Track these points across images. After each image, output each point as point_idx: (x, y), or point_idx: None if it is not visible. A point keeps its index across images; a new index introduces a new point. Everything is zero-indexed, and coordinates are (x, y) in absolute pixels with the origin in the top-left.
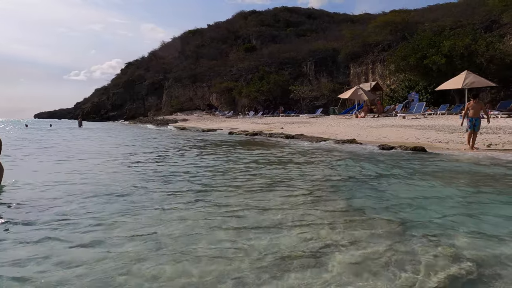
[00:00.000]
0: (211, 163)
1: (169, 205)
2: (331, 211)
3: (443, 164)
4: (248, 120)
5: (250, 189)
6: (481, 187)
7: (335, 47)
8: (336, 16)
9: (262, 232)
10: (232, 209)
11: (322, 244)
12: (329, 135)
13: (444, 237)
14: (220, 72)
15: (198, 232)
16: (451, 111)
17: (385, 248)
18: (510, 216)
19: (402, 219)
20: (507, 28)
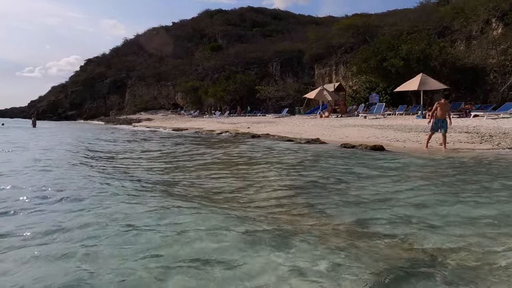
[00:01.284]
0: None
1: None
2: (293, 206)
3: (399, 161)
4: (214, 120)
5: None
6: (432, 182)
7: (300, 48)
8: (301, 17)
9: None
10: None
11: (286, 238)
12: (295, 134)
13: (400, 230)
14: (186, 71)
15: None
16: (408, 111)
17: (345, 242)
18: (458, 207)
19: (361, 214)
20: (458, 34)
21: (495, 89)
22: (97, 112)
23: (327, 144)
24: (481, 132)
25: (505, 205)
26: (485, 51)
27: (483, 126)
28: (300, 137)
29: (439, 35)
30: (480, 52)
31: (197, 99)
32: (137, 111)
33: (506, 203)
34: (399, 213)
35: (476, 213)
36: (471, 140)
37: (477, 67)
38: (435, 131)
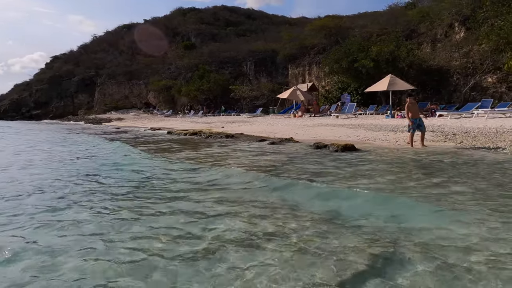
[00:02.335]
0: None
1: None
2: (263, 205)
3: (369, 159)
4: (188, 119)
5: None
6: (400, 179)
7: (274, 48)
8: (274, 18)
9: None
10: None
11: (258, 236)
12: (268, 133)
13: (366, 224)
14: (158, 69)
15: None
16: (378, 111)
17: (315, 237)
18: (419, 202)
19: (330, 210)
20: (424, 37)
21: (458, 90)
22: (65, 112)
23: (300, 143)
24: (445, 131)
25: (470, 202)
26: (449, 54)
27: (447, 125)
28: (274, 136)
29: (407, 38)
30: (444, 55)
31: (170, 98)
32: (107, 111)
33: (470, 200)
34: (371, 208)
35: (437, 208)
36: (436, 138)
37: (442, 69)
38: (414, 131)
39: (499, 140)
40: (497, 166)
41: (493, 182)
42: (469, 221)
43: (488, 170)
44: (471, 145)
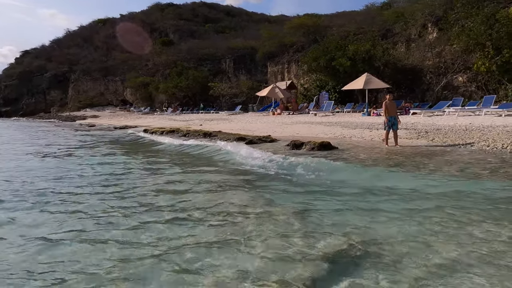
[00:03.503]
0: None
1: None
2: (240, 204)
3: (344, 157)
4: (166, 117)
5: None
6: (376, 177)
7: (253, 46)
8: (254, 15)
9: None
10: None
11: (235, 233)
12: (247, 131)
13: (338, 220)
14: (135, 66)
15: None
16: (355, 109)
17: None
18: (394, 199)
19: (304, 208)
20: (399, 37)
21: (431, 88)
22: (36, 109)
23: (278, 141)
24: (418, 128)
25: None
26: (422, 54)
27: (420, 123)
28: (253, 134)
29: (382, 37)
30: (418, 54)
31: (147, 96)
32: (81, 108)
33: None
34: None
35: (409, 205)
36: (410, 136)
37: (416, 68)
38: (390, 129)
39: (468, 137)
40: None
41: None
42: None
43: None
44: (442, 142)
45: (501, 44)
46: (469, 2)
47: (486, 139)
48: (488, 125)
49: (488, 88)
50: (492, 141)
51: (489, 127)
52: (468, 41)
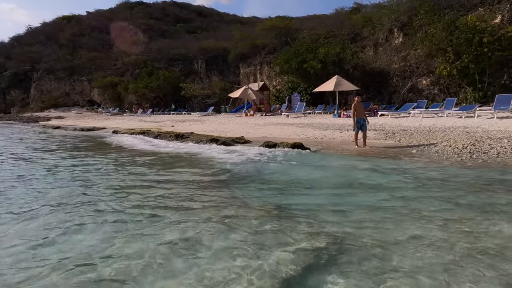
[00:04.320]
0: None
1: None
2: (212, 203)
3: (316, 157)
4: (136, 118)
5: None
6: (344, 176)
7: (226, 47)
8: (225, 16)
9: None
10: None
11: (204, 231)
12: (220, 133)
13: (311, 217)
14: (103, 65)
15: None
16: (326, 110)
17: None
18: (366, 196)
19: (278, 206)
20: (367, 41)
21: (397, 91)
22: None
23: (251, 143)
24: (386, 129)
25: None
26: (389, 57)
27: (388, 124)
28: (226, 135)
29: (352, 41)
30: (385, 58)
31: (116, 96)
32: (45, 108)
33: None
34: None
35: (374, 202)
36: (378, 137)
37: (383, 71)
38: (358, 130)
39: (432, 137)
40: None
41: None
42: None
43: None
44: (408, 142)
45: (460, 50)
46: (432, 9)
47: (448, 140)
48: (449, 126)
49: (449, 91)
50: (454, 141)
51: (451, 128)
52: (431, 46)
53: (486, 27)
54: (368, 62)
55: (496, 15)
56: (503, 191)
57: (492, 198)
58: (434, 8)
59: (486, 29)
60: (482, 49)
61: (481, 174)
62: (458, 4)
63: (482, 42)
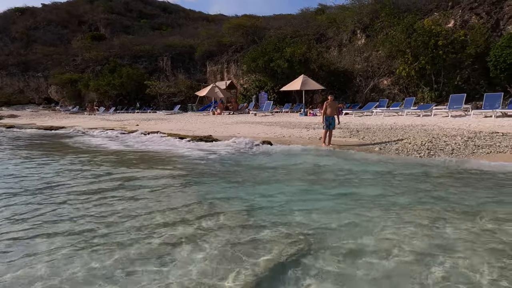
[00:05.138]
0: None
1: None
2: (182, 206)
3: (284, 156)
4: (97, 117)
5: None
6: (311, 174)
7: (192, 44)
8: (191, 13)
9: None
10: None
11: (176, 238)
12: (187, 131)
13: (283, 219)
14: (61, 61)
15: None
16: (293, 109)
17: (233, 234)
18: (334, 194)
19: (248, 207)
20: (331, 41)
21: (360, 90)
22: None
23: (220, 141)
24: (350, 128)
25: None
26: (352, 58)
27: (352, 122)
28: (193, 134)
29: (317, 41)
30: (349, 58)
31: (76, 94)
32: None
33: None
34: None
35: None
36: (343, 135)
37: (347, 71)
38: (327, 128)
39: (393, 135)
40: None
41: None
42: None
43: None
44: (371, 140)
45: (418, 52)
46: (391, 12)
47: (408, 137)
48: (409, 125)
49: (408, 91)
50: (413, 139)
51: (410, 126)
52: (391, 48)
53: (441, 30)
54: (332, 62)
55: (449, 20)
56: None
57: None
58: (394, 12)
59: (441, 33)
60: (437, 52)
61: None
62: (415, 8)
63: (437, 45)
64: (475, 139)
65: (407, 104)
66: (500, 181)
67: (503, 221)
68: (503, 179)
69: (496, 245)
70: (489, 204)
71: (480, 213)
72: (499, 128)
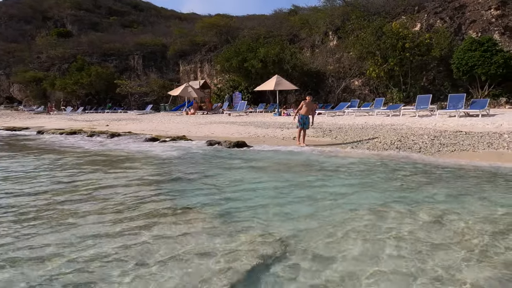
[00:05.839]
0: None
1: None
2: (155, 210)
3: (260, 156)
4: (65, 117)
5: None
6: (286, 173)
7: (164, 43)
8: (163, 11)
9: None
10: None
11: (147, 241)
12: (160, 132)
13: (257, 221)
14: (24, 58)
15: None
16: (267, 109)
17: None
18: (309, 195)
19: (221, 210)
20: (304, 42)
21: (332, 91)
22: None
23: (193, 141)
24: (323, 127)
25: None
26: (325, 59)
27: (325, 122)
28: (166, 134)
29: (290, 42)
30: (321, 59)
31: (40, 93)
32: None
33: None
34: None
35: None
36: (316, 134)
37: (320, 71)
38: (301, 126)
39: (364, 134)
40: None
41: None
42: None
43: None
44: (343, 139)
45: (387, 54)
46: (362, 15)
47: (378, 136)
48: (379, 124)
49: (378, 91)
50: (383, 137)
51: (380, 126)
52: (361, 49)
53: (408, 34)
54: (305, 62)
55: (416, 23)
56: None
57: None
58: (364, 14)
59: (408, 36)
60: (405, 54)
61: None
62: (384, 12)
63: (405, 47)
64: (440, 138)
65: (377, 104)
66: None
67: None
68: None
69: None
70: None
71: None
72: (462, 127)
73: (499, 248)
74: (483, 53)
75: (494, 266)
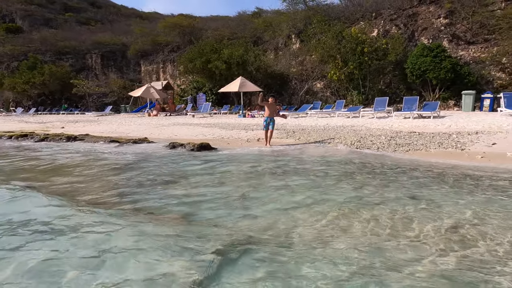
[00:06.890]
0: None
1: None
2: (117, 215)
3: (225, 158)
4: (15, 119)
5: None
6: (255, 175)
7: (124, 42)
8: (123, 9)
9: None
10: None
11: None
12: (120, 134)
13: (220, 222)
14: None
15: None
16: (232, 111)
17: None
18: (279, 194)
19: (186, 213)
20: (268, 44)
21: (296, 93)
22: None
23: (156, 143)
24: (287, 129)
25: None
26: (288, 61)
27: (288, 123)
28: (127, 136)
29: (254, 44)
30: (284, 62)
31: None
32: None
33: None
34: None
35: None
36: (280, 135)
37: (283, 74)
38: (266, 128)
39: (326, 135)
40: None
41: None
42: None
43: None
44: (306, 140)
45: (347, 58)
46: (323, 19)
47: (339, 137)
48: (340, 125)
49: (339, 93)
50: (344, 138)
51: (341, 127)
52: (323, 53)
53: (366, 39)
54: (269, 65)
55: (373, 29)
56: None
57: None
58: (325, 19)
59: (366, 41)
60: (363, 58)
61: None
62: (344, 17)
63: (364, 52)
64: (396, 138)
65: (338, 106)
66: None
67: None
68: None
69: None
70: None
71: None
72: (416, 128)
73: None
74: (433, 58)
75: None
